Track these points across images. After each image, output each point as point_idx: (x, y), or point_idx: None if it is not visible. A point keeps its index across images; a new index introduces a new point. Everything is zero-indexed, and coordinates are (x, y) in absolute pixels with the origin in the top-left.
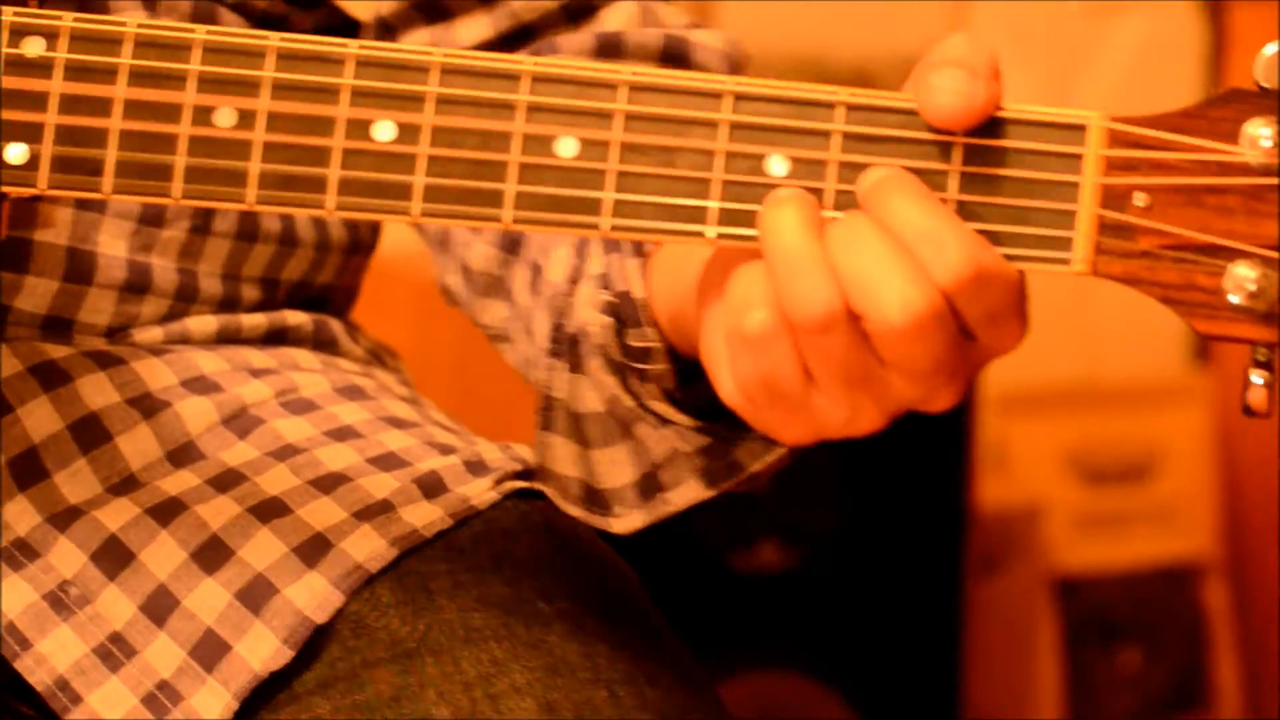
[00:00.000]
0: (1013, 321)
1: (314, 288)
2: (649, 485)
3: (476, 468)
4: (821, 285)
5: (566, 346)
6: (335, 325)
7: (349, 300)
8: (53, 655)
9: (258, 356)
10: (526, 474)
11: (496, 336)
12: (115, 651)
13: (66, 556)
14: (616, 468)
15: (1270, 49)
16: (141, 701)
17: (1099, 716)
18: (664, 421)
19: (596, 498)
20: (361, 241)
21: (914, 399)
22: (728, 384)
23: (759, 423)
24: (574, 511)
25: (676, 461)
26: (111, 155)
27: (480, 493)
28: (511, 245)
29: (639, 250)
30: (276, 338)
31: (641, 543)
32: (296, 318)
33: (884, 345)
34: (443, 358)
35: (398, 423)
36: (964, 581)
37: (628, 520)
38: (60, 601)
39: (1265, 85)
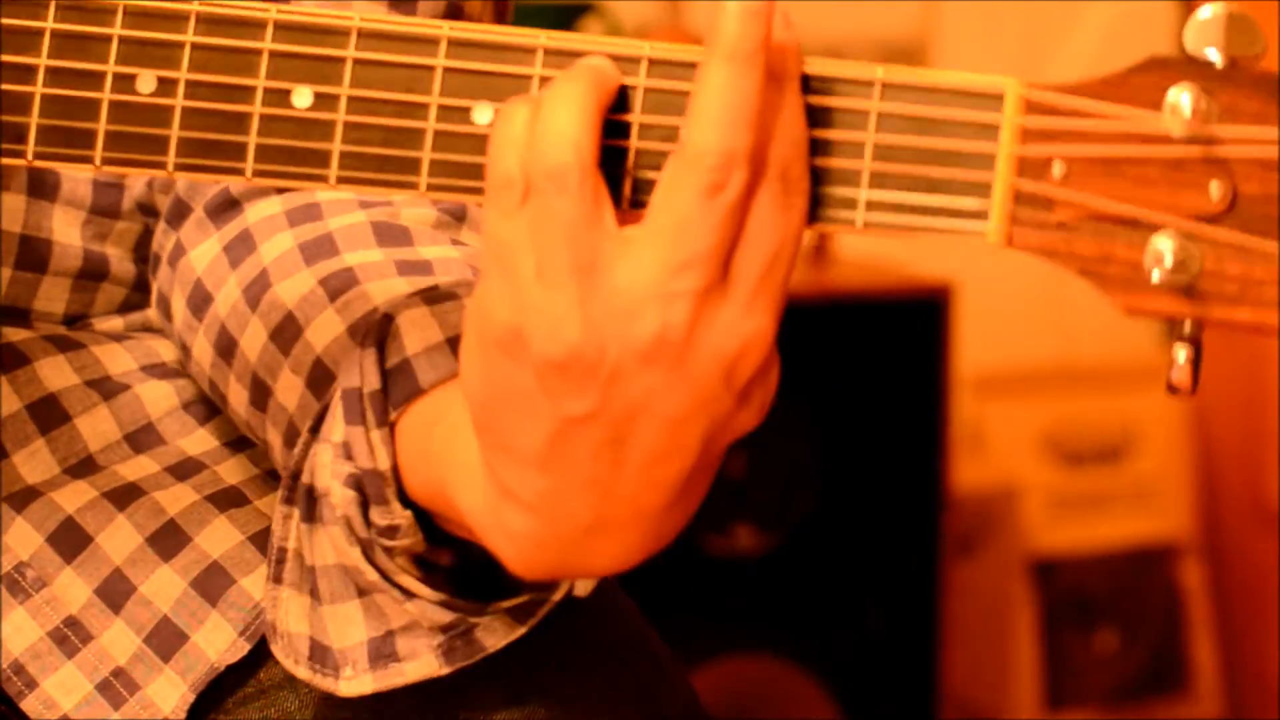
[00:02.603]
0: None
1: None
2: (383, 650)
3: None
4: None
5: (302, 497)
6: None
7: None
8: (8, 639)
9: None
10: None
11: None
12: (71, 636)
13: (23, 537)
14: (348, 625)
15: (1203, 13)
16: (97, 689)
17: (1077, 697)
18: (408, 595)
19: (324, 656)
20: None
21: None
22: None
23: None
24: (300, 673)
25: (415, 632)
26: (34, 121)
27: None
28: (225, 351)
29: (382, 420)
30: None
31: None
32: None
33: None
34: None
35: None
36: (941, 564)
37: (357, 684)
38: (16, 584)
39: (1192, 52)
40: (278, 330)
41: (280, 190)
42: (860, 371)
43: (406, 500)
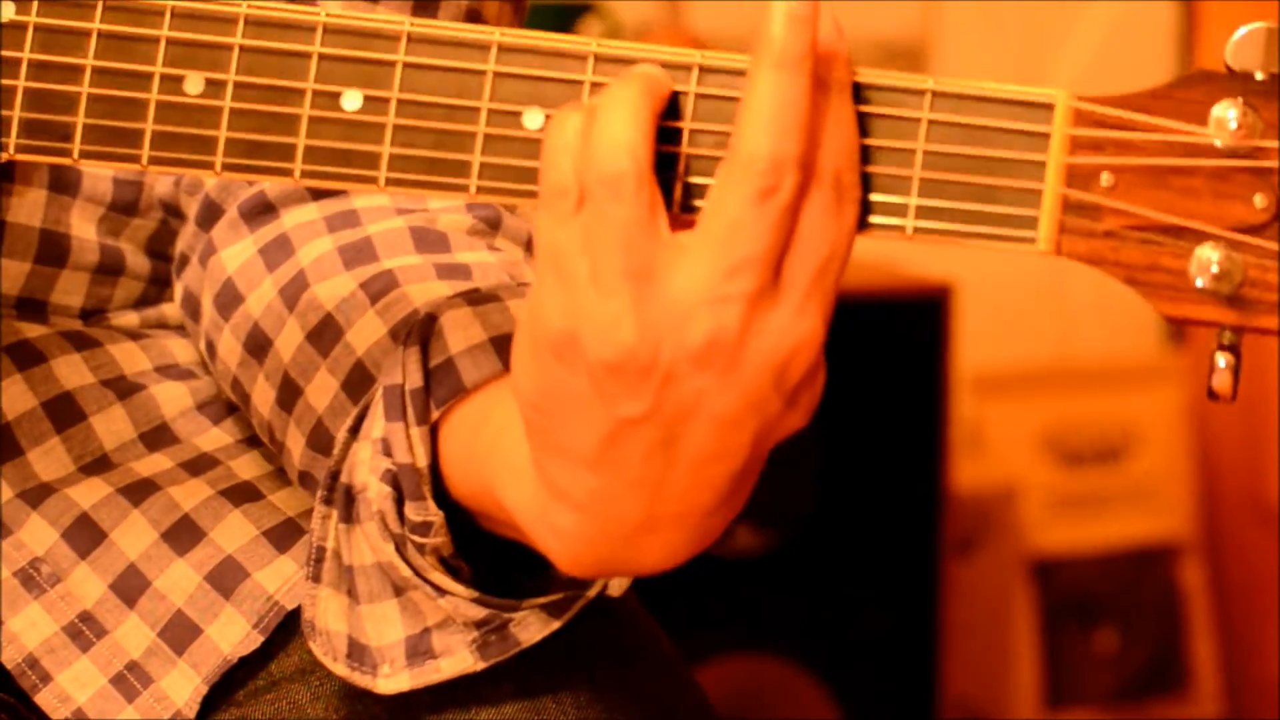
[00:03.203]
0: None
1: None
2: (419, 648)
3: None
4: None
5: (341, 497)
6: None
7: None
8: (23, 633)
9: None
10: None
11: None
12: (85, 631)
13: (38, 533)
14: (386, 624)
15: (1242, 31)
16: (111, 682)
17: (1077, 697)
18: (441, 592)
19: (362, 655)
20: None
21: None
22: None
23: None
24: (339, 671)
25: (450, 629)
26: (80, 120)
27: None
28: (257, 350)
29: (423, 417)
30: None
31: None
32: None
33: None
34: None
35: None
36: (940, 563)
37: (394, 681)
38: (31, 579)
39: (1235, 67)
40: (316, 331)
41: (317, 197)
42: (860, 371)
43: (445, 500)
